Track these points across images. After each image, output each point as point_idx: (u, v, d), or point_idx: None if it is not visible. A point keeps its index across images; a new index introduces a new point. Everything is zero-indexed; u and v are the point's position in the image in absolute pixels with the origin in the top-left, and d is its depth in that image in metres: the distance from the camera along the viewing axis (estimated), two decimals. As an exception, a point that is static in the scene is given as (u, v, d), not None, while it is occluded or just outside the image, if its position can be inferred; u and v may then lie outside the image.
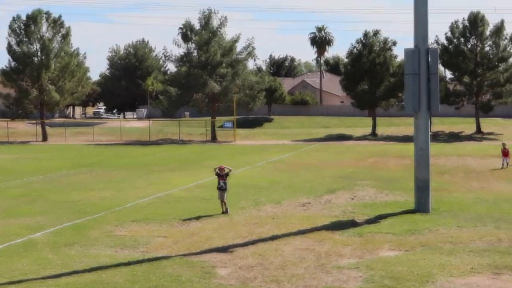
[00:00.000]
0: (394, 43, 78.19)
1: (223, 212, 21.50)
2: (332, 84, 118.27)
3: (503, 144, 39.72)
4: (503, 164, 36.98)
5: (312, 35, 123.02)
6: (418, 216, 20.65)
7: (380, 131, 78.61)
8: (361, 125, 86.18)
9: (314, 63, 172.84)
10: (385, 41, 77.65)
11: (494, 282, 13.21)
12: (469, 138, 72.44)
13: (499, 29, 75.60)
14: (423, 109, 21.67)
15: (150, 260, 15.27)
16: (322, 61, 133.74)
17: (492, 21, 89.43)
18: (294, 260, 15.09)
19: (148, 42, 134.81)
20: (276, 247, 16.46)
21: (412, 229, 18.43)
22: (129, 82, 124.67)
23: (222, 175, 22.03)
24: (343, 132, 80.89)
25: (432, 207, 21.76)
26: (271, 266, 14.55)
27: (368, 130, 79.20)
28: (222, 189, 21.77)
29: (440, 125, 79.63)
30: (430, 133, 22.21)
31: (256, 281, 13.43)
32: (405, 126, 79.45)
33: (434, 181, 25.10)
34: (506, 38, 76.15)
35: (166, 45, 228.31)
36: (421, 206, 21.59)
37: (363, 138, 73.82)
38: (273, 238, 17.60)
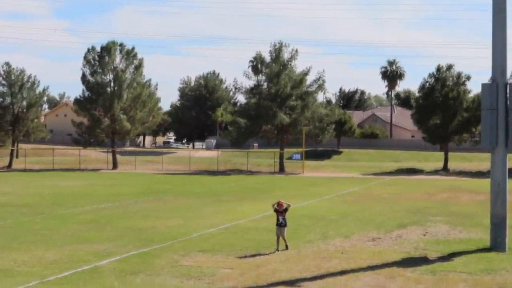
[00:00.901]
0: (468, 78, 76.41)
1: (277, 250, 20.42)
2: (403, 118, 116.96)
3: None
4: None
5: (383, 69, 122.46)
6: (494, 255, 19.75)
7: (452, 165, 76.84)
8: (432, 159, 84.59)
9: (384, 96, 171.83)
10: (459, 75, 76.08)
11: None
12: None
13: None
14: (501, 145, 20.85)
15: (215, 291, 14.94)
16: (393, 95, 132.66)
17: None
18: (364, 297, 14.53)
19: (218, 74, 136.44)
20: (346, 283, 15.91)
21: (488, 269, 17.60)
22: (199, 112, 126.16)
23: (281, 211, 21.07)
24: (414, 165, 79.49)
25: (509, 246, 20.79)
26: (340, 303, 14.03)
27: (440, 165, 77.59)
28: (281, 225, 20.77)
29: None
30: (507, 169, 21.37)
31: (324, 317, 12.94)
32: (478, 161, 77.51)
33: (511, 218, 24.08)
34: None
35: (237, 77, 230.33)
36: (497, 244, 20.68)
37: (435, 172, 72.29)
38: (342, 273, 17.04)
